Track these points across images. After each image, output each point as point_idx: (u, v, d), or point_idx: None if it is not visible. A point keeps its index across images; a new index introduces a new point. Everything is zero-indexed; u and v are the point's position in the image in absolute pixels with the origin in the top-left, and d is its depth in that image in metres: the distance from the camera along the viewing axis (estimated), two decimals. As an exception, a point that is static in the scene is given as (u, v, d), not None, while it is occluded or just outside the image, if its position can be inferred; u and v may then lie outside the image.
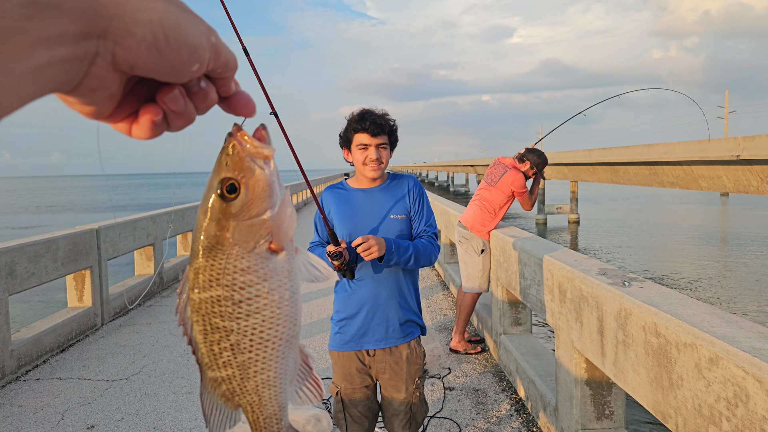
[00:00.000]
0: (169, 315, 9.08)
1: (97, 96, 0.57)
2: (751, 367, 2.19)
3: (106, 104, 0.60)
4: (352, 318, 3.36)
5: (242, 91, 0.72)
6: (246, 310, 0.89)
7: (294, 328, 0.94)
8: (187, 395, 5.82)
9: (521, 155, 7.19)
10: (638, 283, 3.60)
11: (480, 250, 7.03)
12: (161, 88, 0.63)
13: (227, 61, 0.65)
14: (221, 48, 0.63)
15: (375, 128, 3.27)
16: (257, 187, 0.84)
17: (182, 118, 0.65)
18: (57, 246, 7.49)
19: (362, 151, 3.31)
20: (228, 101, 0.71)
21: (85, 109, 0.59)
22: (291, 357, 0.98)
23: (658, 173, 23.83)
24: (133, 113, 0.64)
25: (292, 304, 0.92)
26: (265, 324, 0.90)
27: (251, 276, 0.87)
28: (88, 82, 0.55)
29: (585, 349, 3.99)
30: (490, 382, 6.09)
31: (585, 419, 4.13)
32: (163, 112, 0.64)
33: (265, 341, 0.92)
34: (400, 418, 3.42)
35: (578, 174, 34.73)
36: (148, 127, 0.64)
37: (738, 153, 16.94)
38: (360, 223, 3.32)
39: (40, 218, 50.30)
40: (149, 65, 0.56)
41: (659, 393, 2.94)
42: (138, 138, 0.65)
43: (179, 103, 0.63)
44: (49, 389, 6.10)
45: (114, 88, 0.58)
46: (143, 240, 10.38)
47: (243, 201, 0.84)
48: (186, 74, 0.60)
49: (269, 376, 0.97)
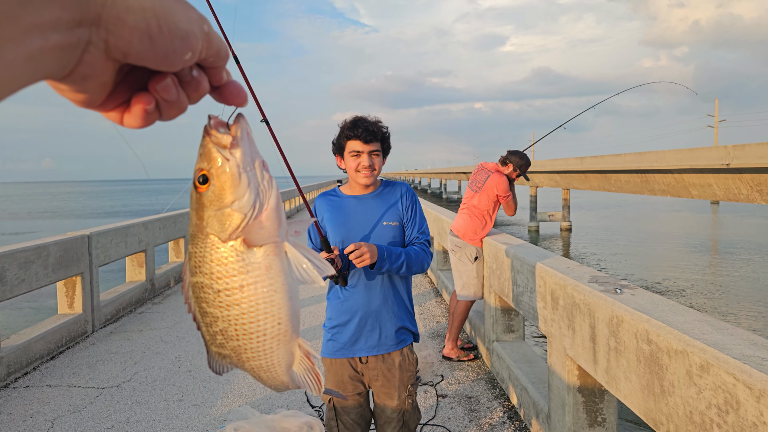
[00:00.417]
0: (160, 322, 9.05)
1: (89, 84, 0.57)
2: (741, 374, 2.20)
3: (98, 92, 0.60)
4: (344, 325, 3.35)
5: (233, 81, 0.72)
6: (226, 300, 0.90)
7: (278, 327, 0.94)
8: (178, 403, 5.79)
9: (504, 158, 7.21)
10: (630, 290, 3.61)
11: (474, 257, 7.03)
12: (153, 77, 0.63)
13: (219, 50, 0.65)
14: (213, 37, 0.64)
15: (367, 135, 3.26)
16: (222, 177, 0.85)
17: (174, 108, 0.66)
18: (48, 252, 7.45)
19: (355, 158, 3.30)
20: (219, 91, 0.71)
21: (77, 97, 0.59)
22: (282, 351, 0.98)
23: (649, 181, 23.91)
24: (125, 102, 0.64)
25: (272, 302, 0.92)
26: (245, 317, 0.91)
27: (226, 267, 0.89)
28: (81, 69, 0.55)
29: (577, 356, 3.99)
30: (482, 389, 6.09)
31: (577, 426, 4.13)
32: (156, 101, 0.64)
33: (249, 333, 0.93)
34: (393, 425, 3.41)
35: (570, 182, 34.81)
36: (140, 116, 0.64)
37: (728, 161, 17.03)
38: (352, 230, 3.31)
39: (31, 224, 50.10)
40: (141, 53, 0.56)
41: (651, 400, 2.94)
42: (130, 127, 0.65)
43: (171, 91, 0.63)
44: (39, 397, 6.06)
45: (106, 76, 0.58)
46: (135, 246, 10.34)
47: (212, 191, 0.86)
48: (178, 63, 0.60)
49: (261, 364, 0.99)
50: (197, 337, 8.01)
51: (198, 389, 6.14)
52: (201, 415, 5.49)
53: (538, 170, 38.04)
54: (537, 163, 38.02)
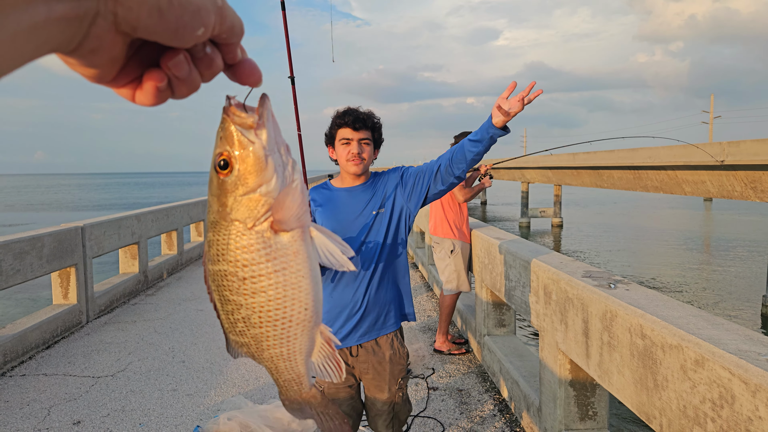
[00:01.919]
0: (153, 313, 9.05)
1: (98, 58, 0.55)
2: (737, 368, 2.23)
3: (108, 68, 0.58)
4: (334, 317, 3.33)
5: (248, 59, 0.69)
6: (251, 287, 0.87)
7: (304, 313, 0.92)
8: (172, 392, 5.81)
9: None
10: (624, 285, 3.64)
11: (450, 250, 7.08)
12: (165, 53, 0.61)
13: (233, 26, 0.63)
14: (227, 11, 0.61)
15: (357, 122, 3.25)
16: (247, 160, 0.82)
17: (186, 85, 0.63)
18: (42, 243, 7.45)
19: (345, 146, 3.29)
20: (233, 69, 0.69)
21: (87, 72, 0.57)
22: (305, 337, 0.97)
23: (642, 177, 23.96)
24: (137, 78, 0.62)
25: (300, 288, 0.90)
26: (271, 304, 0.89)
27: (253, 254, 0.86)
28: (89, 43, 0.53)
29: (569, 350, 4.02)
30: (473, 383, 6.13)
31: (568, 420, 4.16)
32: (168, 78, 0.62)
33: (274, 320, 0.91)
34: (384, 417, 3.43)
35: (562, 178, 34.86)
36: (152, 93, 0.62)
37: (723, 158, 17.07)
38: (343, 221, 3.30)
39: (25, 216, 49.96)
40: (151, 27, 0.54)
41: (644, 394, 2.97)
42: (141, 104, 0.63)
43: (183, 68, 0.61)
44: (35, 385, 6.08)
45: (116, 50, 0.56)
46: (128, 238, 10.34)
47: (236, 176, 0.83)
48: (190, 38, 0.58)
49: (282, 351, 0.96)
50: (190, 329, 8.04)
51: (191, 379, 6.16)
52: (195, 405, 5.51)
53: (530, 166, 38.07)
54: (529, 159, 38.08)
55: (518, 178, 43.16)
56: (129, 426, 5.10)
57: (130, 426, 5.10)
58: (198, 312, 9.05)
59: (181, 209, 13.44)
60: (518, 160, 40.85)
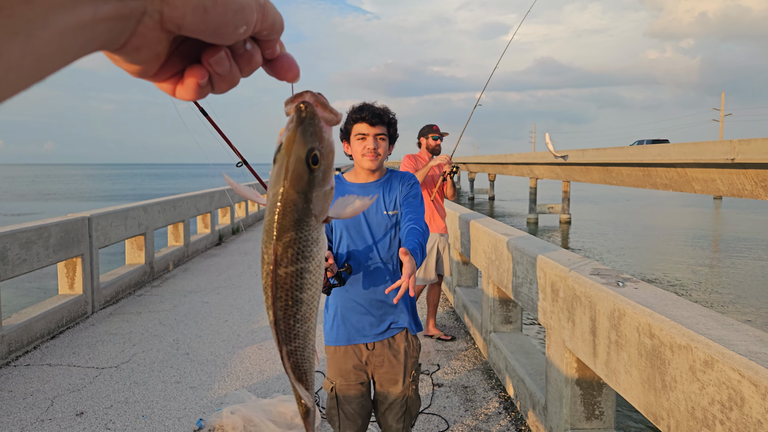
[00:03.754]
0: (159, 305, 9.06)
1: (143, 55, 0.57)
2: (747, 370, 2.18)
3: (151, 64, 0.59)
4: (350, 313, 3.33)
5: (287, 54, 0.70)
6: (310, 279, 0.90)
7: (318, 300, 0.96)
8: (176, 384, 5.80)
9: None
10: (632, 283, 3.60)
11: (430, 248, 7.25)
12: (207, 50, 0.62)
13: (274, 23, 0.64)
14: (269, 9, 0.62)
15: (373, 117, 3.26)
16: (331, 156, 0.86)
17: (226, 81, 0.65)
18: (49, 233, 7.45)
19: (360, 141, 3.30)
20: (272, 64, 0.69)
21: (131, 68, 0.58)
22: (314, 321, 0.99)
23: (651, 175, 23.87)
24: (178, 73, 0.63)
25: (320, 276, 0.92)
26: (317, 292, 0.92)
27: (318, 246, 0.89)
28: (135, 41, 0.54)
29: (576, 348, 3.98)
30: (478, 380, 6.10)
31: (574, 419, 4.13)
32: (209, 74, 0.63)
33: (315, 308, 0.94)
34: (395, 411, 3.40)
35: (571, 174, 34.77)
36: (193, 89, 0.63)
37: (733, 156, 16.97)
38: (354, 219, 3.29)
39: (35, 206, 50.21)
40: (195, 25, 0.55)
41: (651, 394, 2.93)
42: (181, 99, 0.65)
43: (225, 65, 0.62)
44: (39, 375, 6.08)
45: (160, 47, 0.57)
46: (134, 229, 10.35)
47: (323, 171, 0.85)
48: (232, 36, 0.59)
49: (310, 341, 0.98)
50: (195, 321, 8.03)
51: (195, 372, 6.14)
52: (198, 398, 5.50)
53: (539, 162, 38.00)
54: (538, 155, 37.96)
55: (526, 174, 43.11)
56: (132, 417, 5.09)
57: (133, 417, 5.09)
58: (203, 304, 9.04)
59: (189, 201, 13.45)
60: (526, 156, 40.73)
